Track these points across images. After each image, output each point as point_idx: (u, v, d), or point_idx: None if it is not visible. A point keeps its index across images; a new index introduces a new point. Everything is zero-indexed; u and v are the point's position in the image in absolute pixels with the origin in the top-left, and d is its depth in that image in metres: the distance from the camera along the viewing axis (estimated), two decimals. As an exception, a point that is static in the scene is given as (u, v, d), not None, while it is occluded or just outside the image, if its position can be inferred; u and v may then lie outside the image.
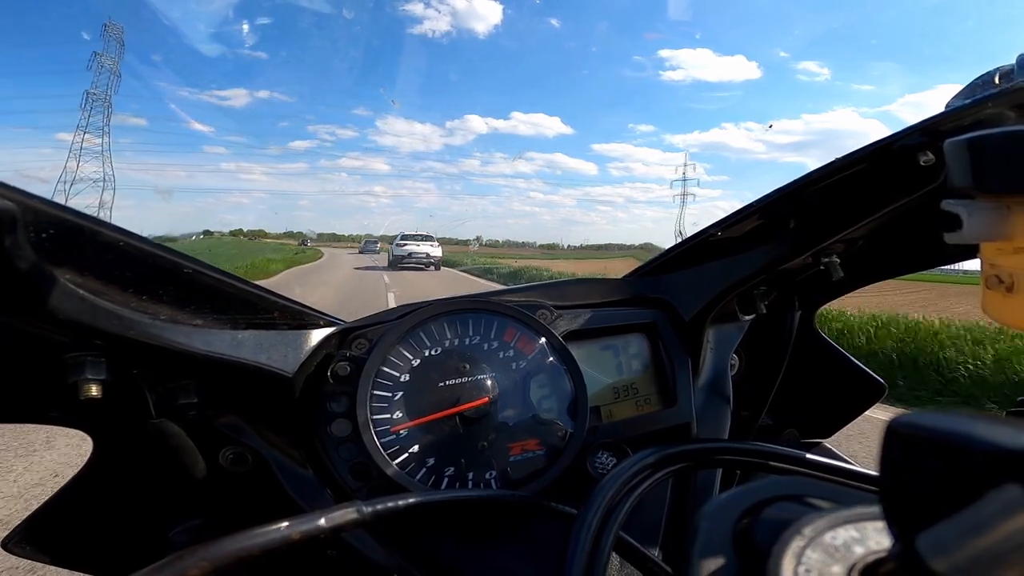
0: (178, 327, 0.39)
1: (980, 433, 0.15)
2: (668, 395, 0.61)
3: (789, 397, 0.70)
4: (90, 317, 0.31)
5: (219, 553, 0.27)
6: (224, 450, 0.47)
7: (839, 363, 0.71)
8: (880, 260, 0.62)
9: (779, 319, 0.67)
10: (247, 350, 0.43)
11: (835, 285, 0.61)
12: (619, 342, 0.63)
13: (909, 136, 0.42)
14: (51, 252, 0.28)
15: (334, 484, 0.50)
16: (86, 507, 0.47)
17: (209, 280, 0.39)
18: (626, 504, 0.36)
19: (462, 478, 0.50)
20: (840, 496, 0.26)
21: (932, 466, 0.15)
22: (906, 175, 0.44)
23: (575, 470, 0.53)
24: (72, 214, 0.28)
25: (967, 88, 0.45)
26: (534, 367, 0.56)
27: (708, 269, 0.62)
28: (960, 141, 0.30)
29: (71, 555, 0.47)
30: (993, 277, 0.31)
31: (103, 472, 0.46)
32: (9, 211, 0.23)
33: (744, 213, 0.55)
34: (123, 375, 0.38)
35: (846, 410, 0.72)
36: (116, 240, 0.31)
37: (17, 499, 2.17)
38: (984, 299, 0.32)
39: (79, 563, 0.47)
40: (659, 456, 0.40)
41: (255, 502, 0.49)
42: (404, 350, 0.54)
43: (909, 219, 0.52)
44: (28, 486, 2.28)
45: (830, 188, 0.49)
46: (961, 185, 0.30)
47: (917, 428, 0.16)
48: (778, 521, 0.22)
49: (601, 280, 0.67)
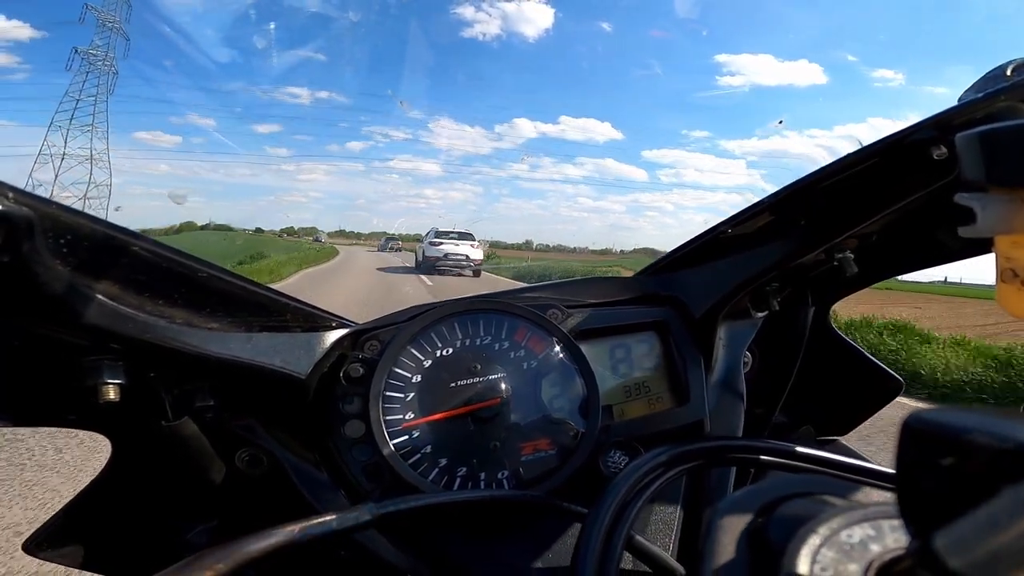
0: (194, 330, 0.39)
1: (996, 430, 0.15)
2: (680, 393, 0.61)
3: (804, 394, 0.69)
4: (108, 321, 0.32)
5: (235, 555, 0.28)
6: (240, 452, 0.48)
7: (854, 359, 0.70)
8: (894, 256, 0.61)
9: (793, 315, 0.67)
10: (261, 353, 0.43)
11: (849, 280, 0.60)
12: (630, 340, 0.63)
13: (921, 130, 0.42)
14: (68, 258, 0.29)
15: (348, 485, 0.50)
16: (105, 510, 0.47)
17: (223, 284, 0.40)
18: (638, 503, 0.36)
19: (474, 478, 0.50)
20: (856, 494, 0.26)
21: (948, 463, 0.15)
22: (919, 170, 0.44)
23: (587, 469, 0.53)
24: (89, 220, 0.29)
25: (979, 82, 0.44)
26: (545, 366, 0.56)
27: (720, 266, 0.62)
28: (972, 134, 0.30)
29: (91, 557, 0.47)
30: (1008, 271, 0.31)
31: (122, 475, 0.47)
32: (27, 218, 0.24)
33: (756, 209, 0.55)
34: (140, 378, 0.39)
35: (862, 407, 0.71)
36: (131, 244, 0.31)
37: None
38: (1000, 293, 0.32)
39: (98, 565, 0.48)
40: (672, 454, 0.40)
41: (271, 504, 0.49)
42: (416, 351, 0.54)
43: (923, 214, 0.51)
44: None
45: (843, 183, 0.48)
46: (974, 178, 0.30)
47: (933, 425, 0.16)
48: (793, 519, 0.22)
49: (611, 279, 0.67)
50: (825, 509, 0.22)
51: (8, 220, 0.23)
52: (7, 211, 0.23)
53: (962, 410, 0.16)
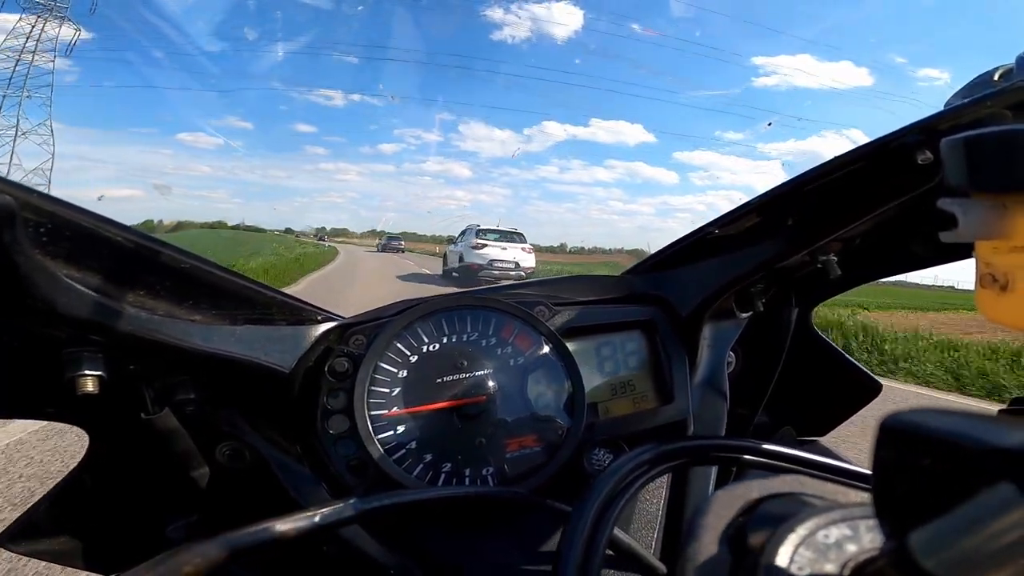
0: (176, 322, 0.39)
1: (973, 431, 0.15)
2: (665, 392, 0.61)
3: (785, 395, 0.70)
4: (87, 312, 0.31)
5: (215, 550, 0.27)
6: (221, 446, 0.47)
7: (835, 361, 0.71)
8: (877, 259, 0.62)
9: (776, 316, 0.68)
10: (245, 346, 0.43)
11: (832, 283, 0.61)
12: (616, 339, 0.63)
13: (907, 135, 0.43)
14: (48, 247, 0.28)
15: (331, 480, 0.50)
16: (82, 503, 0.47)
17: (207, 275, 0.39)
18: (622, 501, 0.36)
19: (459, 474, 0.50)
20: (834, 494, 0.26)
21: (925, 464, 0.15)
22: (904, 174, 0.45)
23: (572, 467, 0.53)
24: (70, 209, 0.28)
25: (966, 87, 0.45)
26: (532, 364, 0.56)
27: (706, 266, 0.63)
28: (956, 139, 0.30)
29: (66, 552, 0.47)
30: (987, 276, 0.31)
31: (99, 468, 0.46)
32: (8, 206, 0.23)
33: (742, 210, 0.55)
34: (120, 370, 0.38)
35: (842, 408, 0.73)
36: (114, 235, 0.31)
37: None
38: (978, 298, 0.32)
39: (75, 559, 0.47)
40: (655, 453, 0.40)
41: (253, 499, 0.49)
42: (402, 346, 0.54)
43: (906, 218, 0.52)
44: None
45: (828, 186, 0.49)
46: (957, 183, 0.30)
47: (910, 426, 0.16)
48: (772, 518, 0.22)
49: (599, 277, 0.67)
50: (804, 509, 0.22)
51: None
52: None
53: (940, 411, 0.16)
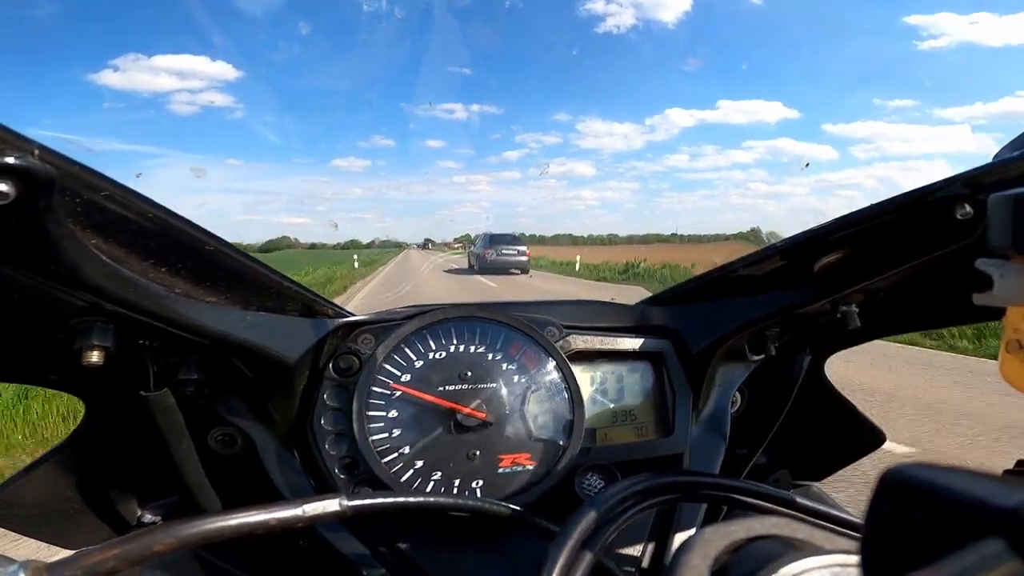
0: (191, 302, 0.39)
1: (971, 489, 0.14)
2: (665, 425, 0.60)
3: (786, 438, 0.68)
4: (107, 282, 0.32)
5: (190, 531, 0.27)
6: (214, 430, 0.48)
7: (842, 410, 0.70)
8: (899, 314, 0.61)
9: (788, 362, 0.66)
10: (254, 332, 0.43)
11: (850, 334, 0.60)
12: (624, 368, 0.62)
13: (950, 187, 0.41)
14: (81, 216, 0.29)
15: (319, 475, 0.50)
16: (62, 478, 0.47)
17: (229, 260, 0.40)
18: (610, 528, 0.35)
19: (448, 484, 0.50)
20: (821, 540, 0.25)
21: (919, 518, 0.15)
22: (940, 228, 0.43)
23: (563, 489, 0.52)
24: (110, 184, 0.29)
25: (1018, 139, 0.43)
26: (535, 383, 0.55)
27: (724, 305, 0.62)
28: (1007, 196, 0.28)
29: (40, 525, 0.47)
30: (1014, 342, 0.30)
31: (87, 443, 0.46)
32: (48, 174, 0.24)
33: (768, 252, 0.54)
34: (128, 345, 0.39)
35: (842, 455, 0.71)
36: (147, 211, 0.32)
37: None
38: (1003, 363, 0.31)
39: (46, 534, 0.47)
40: (648, 484, 0.39)
41: (237, 486, 0.49)
42: (409, 350, 0.54)
43: (935, 274, 0.50)
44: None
45: (859, 235, 0.48)
46: (999, 244, 0.29)
47: (912, 480, 0.16)
48: (757, 559, 0.22)
49: (614, 304, 0.67)
50: (788, 552, 0.22)
51: (31, 176, 0.23)
52: (30, 167, 0.23)
53: (942, 467, 0.16)
